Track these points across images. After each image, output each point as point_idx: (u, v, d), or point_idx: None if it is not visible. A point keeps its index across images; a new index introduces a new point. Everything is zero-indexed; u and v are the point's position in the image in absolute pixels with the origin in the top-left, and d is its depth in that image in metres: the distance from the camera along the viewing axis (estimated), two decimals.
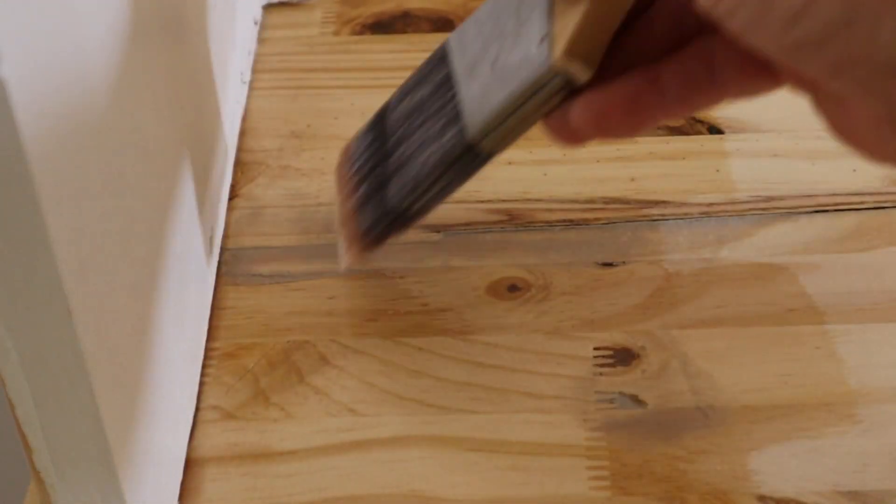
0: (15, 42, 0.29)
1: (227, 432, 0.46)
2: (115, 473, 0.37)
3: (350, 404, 0.47)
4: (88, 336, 0.34)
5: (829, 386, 0.46)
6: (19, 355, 0.34)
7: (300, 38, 0.62)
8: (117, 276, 0.37)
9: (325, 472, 0.45)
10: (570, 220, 0.53)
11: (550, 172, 0.55)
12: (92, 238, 0.35)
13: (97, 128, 0.36)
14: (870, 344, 0.48)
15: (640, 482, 0.44)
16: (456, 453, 0.45)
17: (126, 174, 0.39)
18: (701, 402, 0.46)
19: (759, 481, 0.44)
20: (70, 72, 0.33)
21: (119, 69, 0.38)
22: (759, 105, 0.57)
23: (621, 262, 0.51)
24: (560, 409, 0.46)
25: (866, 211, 0.52)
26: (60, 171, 0.32)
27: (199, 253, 0.48)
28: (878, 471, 0.44)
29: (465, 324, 0.49)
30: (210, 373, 0.48)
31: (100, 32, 0.37)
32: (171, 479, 0.43)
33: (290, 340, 0.49)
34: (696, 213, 0.53)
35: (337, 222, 0.49)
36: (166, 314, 0.43)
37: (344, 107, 0.58)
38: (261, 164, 0.56)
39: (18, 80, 0.29)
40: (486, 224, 0.53)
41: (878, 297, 0.49)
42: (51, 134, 0.32)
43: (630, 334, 0.48)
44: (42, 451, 0.36)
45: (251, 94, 0.59)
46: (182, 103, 0.46)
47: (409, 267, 0.51)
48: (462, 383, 0.47)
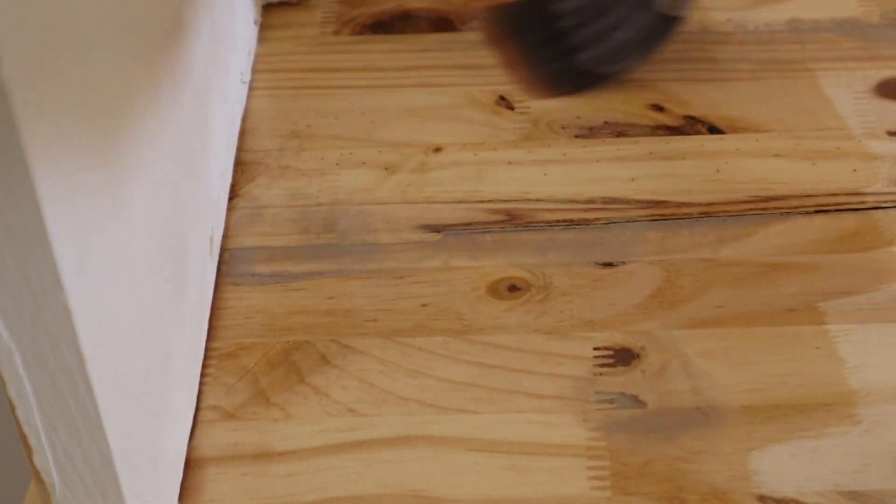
0: (15, 42, 0.29)
1: (227, 432, 0.46)
2: (115, 473, 0.37)
3: (350, 404, 0.47)
4: (88, 336, 0.34)
5: (829, 386, 0.46)
6: (19, 355, 0.34)
7: (300, 38, 0.62)
8: (117, 275, 0.37)
9: (325, 472, 0.45)
10: (570, 220, 0.53)
11: (550, 172, 0.55)
12: (92, 237, 0.35)
13: (97, 127, 0.36)
14: (870, 344, 0.48)
15: (640, 482, 0.44)
16: (456, 453, 0.45)
17: (126, 174, 0.39)
18: (701, 402, 0.46)
19: (759, 481, 0.44)
20: (70, 71, 0.33)
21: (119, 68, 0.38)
22: (759, 105, 0.57)
23: (621, 262, 0.51)
24: (560, 409, 0.46)
25: (866, 211, 0.52)
26: (60, 170, 0.32)
27: (199, 253, 0.48)
28: (878, 471, 0.44)
29: (465, 324, 0.49)
30: (210, 373, 0.48)
31: (100, 32, 0.36)
32: (171, 479, 0.43)
33: (289, 340, 0.49)
34: (696, 213, 0.53)
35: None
36: (166, 314, 0.43)
37: (344, 107, 0.58)
38: (261, 164, 0.56)
39: (18, 80, 0.29)
40: (486, 224, 0.53)
41: (878, 297, 0.49)
42: (51, 134, 0.32)
43: (630, 334, 0.48)
44: (42, 451, 0.36)
45: (251, 94, 0.59)
46: (182, 102, 0.46)
47: (409, 267, 0.51)
48: (462, 383, 0.47)
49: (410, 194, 0.54)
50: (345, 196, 0.54)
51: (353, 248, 0.52)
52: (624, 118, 0.57)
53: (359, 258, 0.52)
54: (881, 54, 0.60)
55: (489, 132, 0.57)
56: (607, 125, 0.57)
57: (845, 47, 0.60)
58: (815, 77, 0.59)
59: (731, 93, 0.58)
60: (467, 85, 0.59)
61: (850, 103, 0.57)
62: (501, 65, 0.56)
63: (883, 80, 0.58)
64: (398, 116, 0.58)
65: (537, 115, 0.57)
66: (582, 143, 0.56)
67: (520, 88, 0.56)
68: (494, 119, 0.57)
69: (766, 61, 0.60)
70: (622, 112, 0.57)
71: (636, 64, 0.57)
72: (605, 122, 0.57)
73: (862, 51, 0.60)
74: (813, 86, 0.58)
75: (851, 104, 0.57)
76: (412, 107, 0.58)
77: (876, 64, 0.59)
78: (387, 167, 0.55)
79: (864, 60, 0.59)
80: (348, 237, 0.53)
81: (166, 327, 0.43)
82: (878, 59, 0.59)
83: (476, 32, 0.61)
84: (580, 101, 0.58)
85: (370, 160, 0.56)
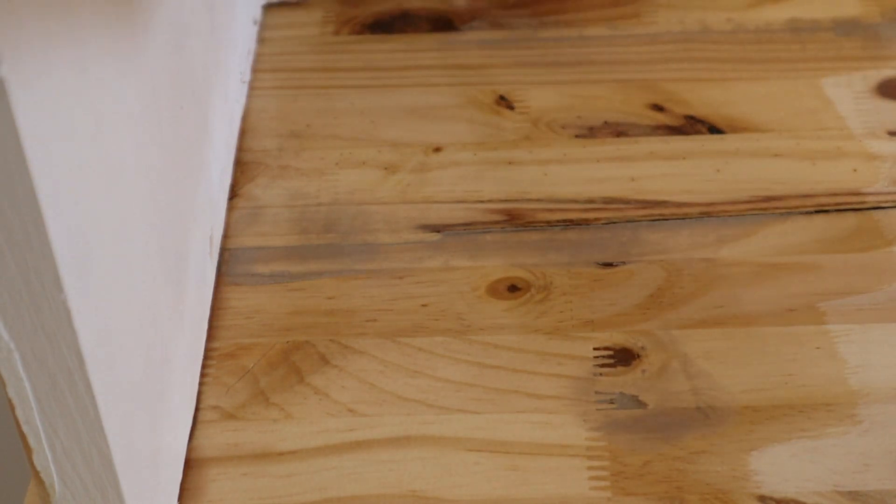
0: (15, 42, 0.29)
1: (227, 432, 0.46)
2: (115, 473, 0.37)
3: (350, 404, 0.47)
4: (88, 336, 0.34)
5: (829, 386, 0.46)
6: (19, 355, 0.34)
7: (300, 38, 0.62)
8: (117, 276, 0.37)
9: (325, 472, 0.45)
10: (570, 220, 0.53)
11: (550, 172, 0.55)
12: (92, 238, 0.35)
13: (97, 127, 0.36)
14: (870, 344, 0.48)
15: (640, 482, 0.44)
16: (456, 453, 0.45)
17: (126, 174, 0.39)
18: (701, 402, 0.46)
19: (759, 481, 0.44)
20: (70, 71, 0.33)
21: (118, 68, 0.38)
22: (759, 105, 0.58)
23: (621, 262, 0.51)
24: (560, 409, 0.46)
25: (866, 211, 0.52)
26: (60, 171, 0.32)
27: (199, 253, 0.48)
28: (878, 471, 0.44)
29: (465, 324, 0.49)
30: (210, 373, 0.48)
31: (100, 32, 0.36)
32: (171, 479, 0.43)
33: (289, 341, 0.49)
34: (696, 213, 0.53)
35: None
36: (166, 314, 0.43)
37: (344, 107, 0.58)
38: (260, 164, 0.56)
39: (18, 80, 0.29)
40: (486, 224, 0.53)
41: (878, 297, 0.49)
42: (51, 134, 0.32)
43: (630, 334, 0.48)
44: (42, 451, 0.36)
45: (251, 94, 0.59)
46: (182, 102, 0.46)
47: (409, 267, 0.51)
48: (462, 383, 0.47)
49: (410, 194, 0.54)
50: (345, 196, 0.54)
51: (352, 248, 0.52)
52: (624, 118, 0.57)
53: (359, 258, 0.52)
54: (881, 54, 0.60)
55: (489, 132, 0.57)
56: (607, 125, 0.57)
57: (845, 47, 0.60)
58: (815, 77, 0.59)
59: (731, 93, 0.58)
60: (467, 85, 0.59)
61: (850, 103, 0.57)
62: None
63: (883, 80, 0.58)
64: (398, 116, 0.58)
65: (537, 115, 0.57)
66: (582, 143, 0.56)
67: None
68: (494, 119, 0.57)
69: (766, 61, 0.60)
70: (622, 112, 0.57)
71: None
72: (605, 122, 0.57)
73: (862, 51, 0.60)
74: (813, 86, 0.58)
75: (851, 104, 0.57)
76: (412, 107, 0.58)
77: (876, 64, 0.59)
78: (387, 167, 0.55)
79: (864, 60, 0.59)
80: (348, 237, 0.53)
81: (166, 327, 0.43)
82: (878, 59, 0.59)
83: (476, 32, 0.61)
84: (580, 101, 0.58)
85: (370, 160, 0.56)
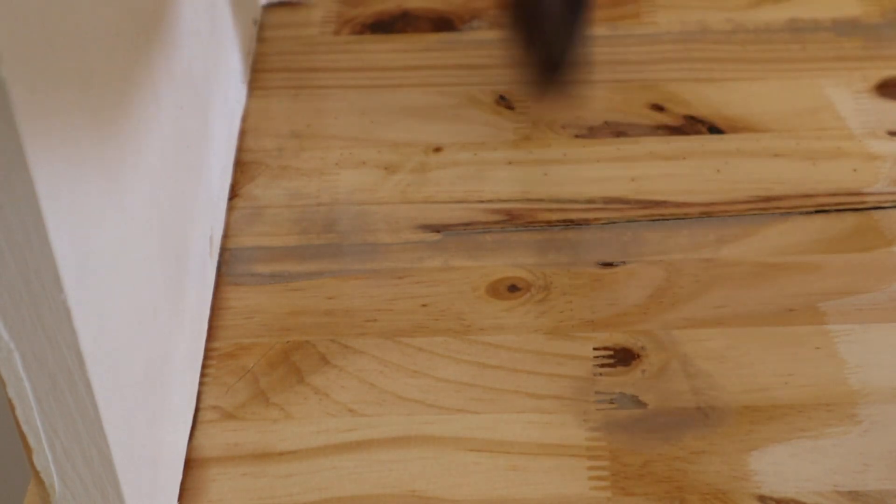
0: (15, 42, 0.29)
1: (227, 432, 0.46)
2: (115, 473, 0.37)
3: (350, 404, 0.47)
4: (88, 336, 0.34)
5: (829, 386, 0.46)
6: (19, 355, 0.34)
7: (300, 38, 0.62)
8: (117, 275, 0.37)
9: (325, 472, 0.45)
10: (570, 220, 0.53)
11: (550, 172, 0.55)
12: (92, 238, 0.35)
13: (97, 128, 0.36)
14: (870, 344, 0.48)
15: (640, 482, 0.44)
16: (456, 453, 0.45)
17: (126, 174, 0.39)
18: (701, 402, 0.46)
19: (759, 481, 0.44)
20: (70, 71, 0.33)
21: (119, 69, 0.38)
22: (758, 105, 0.57)
23: (621, 262, 0.51)
24: (560, 409, 0.46)
25: (866, 211, 0.52)
26: (60, 170, 0.32)
27: (199, 253, 0.48)
28: (878, 471, 0.44)
29: (465, 324, 0.49)
30: (210, 373, 0.48)
31: (100, 32, 0.36)
32: (171, 479, 0.43)
33: (289, 340, 0.49)
34: (696, 213, 0.53)
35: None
36: (166, 314, 0.43)
37: (344, 107, 0.58)
38: (261, 164, 0.56)
39: (18, 80, 0.29)
40: (486, 224, 0.53)
41: (879, 297, 0.49)
42: (51, 133, 0.32)
43: (630, 334, 0.48)
44: (42, 451, 0.36)
45: (251, 94, 0.59)
46: (182, 102, 0.46)
47: (409, 267, 0.51)
48: (462, 383, 0.47)
49: (410, 194, 0.54)
50: (344, 196, 0.54)
51: (352, 248, 0.52)
52: (624, 118, 0.57)
53: (359, 258, 0.52)
54: (881, 54, 0.60)
55: (489, 132, 0.57)
56: (607, 125, 0.57)
57: (845, 47, 0.60)
58: (815, 77, 0.59)
59: (731, 93, 0.58)
60: (467, 85, 0.59)
61: (850, 103, 0.57)
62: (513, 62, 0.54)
63: (883, 80, 0.58)
64: (398, 116, 0.58)
65: (537, 115, 0.57)
66: (582, 143, 0.56)
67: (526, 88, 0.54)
68: (494, 119, 0.57)
69: (765, 61, 0.60)
70: (622, 112, 0.57)
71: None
72: (605, 122, 0.57)
73: (862, 51, 0.60)
74: (813, 86, 0.58)
75: (851, 104, 0.57)
76: (412, 107, 0.58)
77: (876, 64, 0.59)
78: (387, 167, 0.55)
79: (864, 60, 0.59)
80: (348, 237, 0.53)
81: (166, 327, 0.43)
82: (878, 59, 0.59)
83: (476, 32, 0.61)
84: (580, 101, 0.58)
85: (370, 160, 0.56)
